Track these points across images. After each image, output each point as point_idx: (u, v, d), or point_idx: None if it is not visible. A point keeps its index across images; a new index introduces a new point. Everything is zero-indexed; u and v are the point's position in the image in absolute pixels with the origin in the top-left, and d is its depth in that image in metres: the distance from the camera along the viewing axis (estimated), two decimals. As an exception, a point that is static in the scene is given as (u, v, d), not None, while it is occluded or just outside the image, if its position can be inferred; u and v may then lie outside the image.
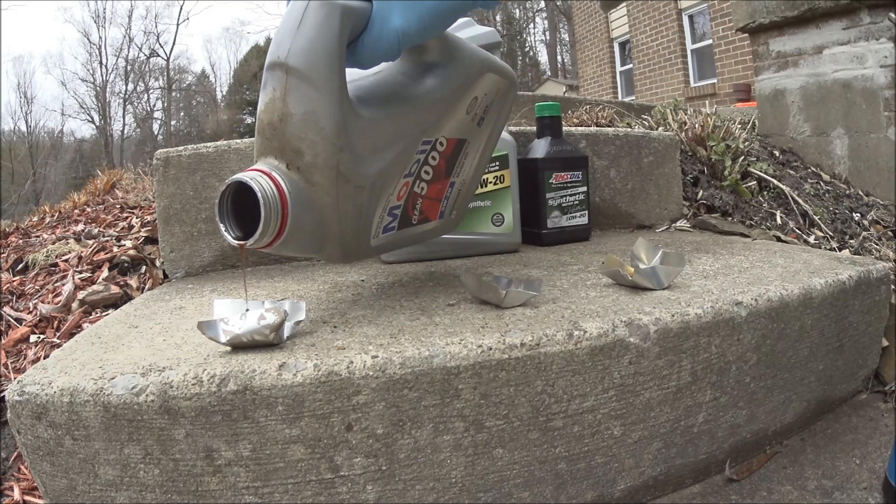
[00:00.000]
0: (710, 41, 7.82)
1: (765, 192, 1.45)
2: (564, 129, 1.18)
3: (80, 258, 1.16)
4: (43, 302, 1.02)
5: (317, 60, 0.53)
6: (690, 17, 8.38)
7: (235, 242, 0.53)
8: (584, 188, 1.09)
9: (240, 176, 0.53)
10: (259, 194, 0.51)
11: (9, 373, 0.86)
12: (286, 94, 0.54)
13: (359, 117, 0.57)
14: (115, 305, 0.99)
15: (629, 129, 1.40)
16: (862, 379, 0.84)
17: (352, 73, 0.59)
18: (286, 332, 0.58)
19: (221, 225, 0.54)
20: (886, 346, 0.86)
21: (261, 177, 0.53)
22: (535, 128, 1.15)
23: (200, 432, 0.51)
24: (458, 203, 0.81)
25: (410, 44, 0.58)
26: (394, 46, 0.57)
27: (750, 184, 1.43)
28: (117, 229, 1.32)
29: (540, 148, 1.06)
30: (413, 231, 0.73)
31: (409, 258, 0.98)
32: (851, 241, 1.32)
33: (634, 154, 1.26)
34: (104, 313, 0.97)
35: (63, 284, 1.06)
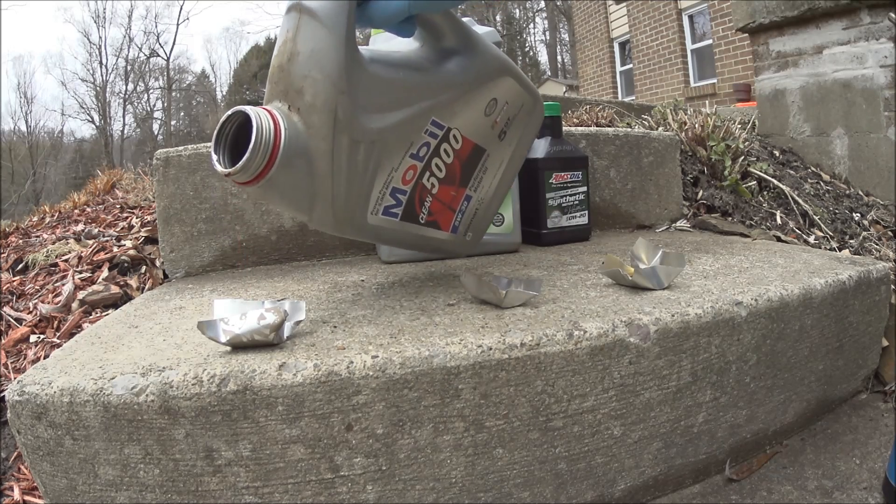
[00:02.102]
0: (710, 41, 7.82)
1: (765, 192, 1.45)
2: (564, 129, 1.18)
3: (80, 258, 1.16)
4: (43, 302, 1.02)
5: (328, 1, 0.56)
6: (690, 17, 8.38)
7: (223, 170, 0.54)
8: (584, 188, 1.09)
9: (240, 107, 0.55)
10: (254, 121, 0.53)
11: (9, 373, 0.86)
12: (297, 33, 0.56)
13: (365, 70, 0.58)
14: (115, 305, 0.99)
15: (629, 129, 1.40)
16: (862, 379, 0.84)
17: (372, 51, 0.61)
18: (286, 332, 0.58)
19: (214, 155, 0.55)
20: (886, 346, 0.86)
21: (261, 110, 0.55)
22: (535, 128, 1.15)
23: (200, 432, 0.51)
24: (475, 225, 0.80)
25: (421, 10, 0.59)
26: (402, 8, 0.58)
27: (750, 184, 1.43)
28: (117, 229, 1.32)
29: (540, 148, 1.06)
30: (418, 230, 0.72)
31: (410, 258, 0.98)
32: (851, 241, 1.32)
33: (634, 154, 1.26)
34: (104, 313, 0.97)
35: (63, 284, 1.06)
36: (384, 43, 1.01)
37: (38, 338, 0.93)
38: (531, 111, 0.79)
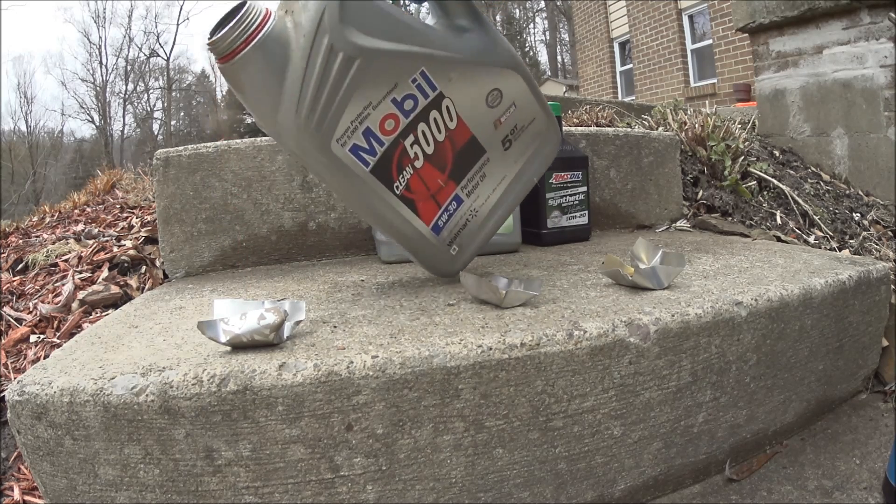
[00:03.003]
0: (710, 41, 7.82)
1: (765, 192, 1.45)
2: (564, 129, 1.18)
3: (80, 258, 1.16)
4: (43, 302, 1.02)
5: None
6: (690, 17, 8.38)
7: (209, 38, 0.58)
8: (584, 188, 1.09)
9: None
10: (247, 4, 0.58)
11: (9, 373, 0.86)
12: None
13: None
14: (115, 305, 0.99)
15: (629, 129, 1.40)
16: (862, 379, 0.84)
17: None
18: (286, 332, 0.58)
19: (210, 35, 0.58)
20: (886, 346, 0.86)
21: (260, 3, 0.59)
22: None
23: (200, 432, 0.51)
24: (463, 238, 0.77)
25: None
26: None
27: (750, 184, 1.43)
28: (117, 229, 1.32)
29: (540, 148, 1.06)
30: (390, 201, 0.69)
31: (410, 258, 0.98)
32: (851, 241, 1.32)
33: (634, 154, 1.26)
34: (104, 313, 0.97)
35: (63, 284, 1.06)
36: None
37: (38, 338, 0.93)
38: (544, 133, 0.78)
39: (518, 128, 0.76)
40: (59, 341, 0.91)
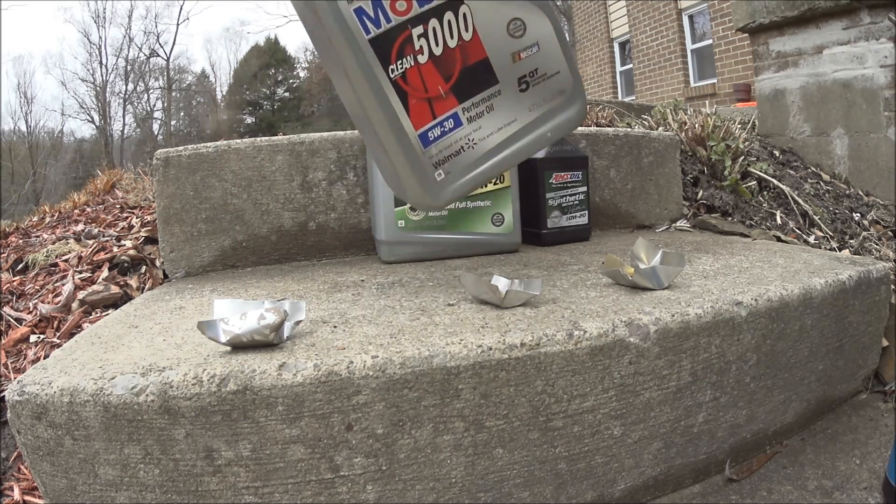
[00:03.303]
0: (710, 41, 7.82)
1: (765, 192, 1.45)
2: (564, 129, 1.18)
3: (80, 258, 1.16)
4: (43, 302, 1.02)
5: None
6: (690, 17, 8.38)
7: None
8: (584, 188, 1.09)
9: None
10: None
11: (9, 373, 0.86)
12: None
13: None
14: (115, 305, 0.99)
15: (629, 129, 1.40)
16: (862, 379, 0.84)
17: None
18: (286, 332, 0.58)
19: None
20: (886, 346, 0.86)
21: None
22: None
23: (200, 432, 0.51)
24: (453, 166, 0.72)
25: None
26: None
27: (750, 184, 1.43)
28: (117, 229, 1.32)
29: (540, 148, 1.06)
30: (382, 82, 0.66)
31: (410, 258, 0.98)
32: (851, 241, 1.32)
33: (634, 154, 1.26)
34: (104, 313, 0.97)
35: (63, 284, 1.06)
36: None
37: (38, 338, 0.93)
38: (568, 95, 0.75)
39: (538, 73, 0.73)
40: (59, 341, 0.91)
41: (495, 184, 0.99)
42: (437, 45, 0.68)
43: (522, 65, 0.72)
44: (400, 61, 0.67)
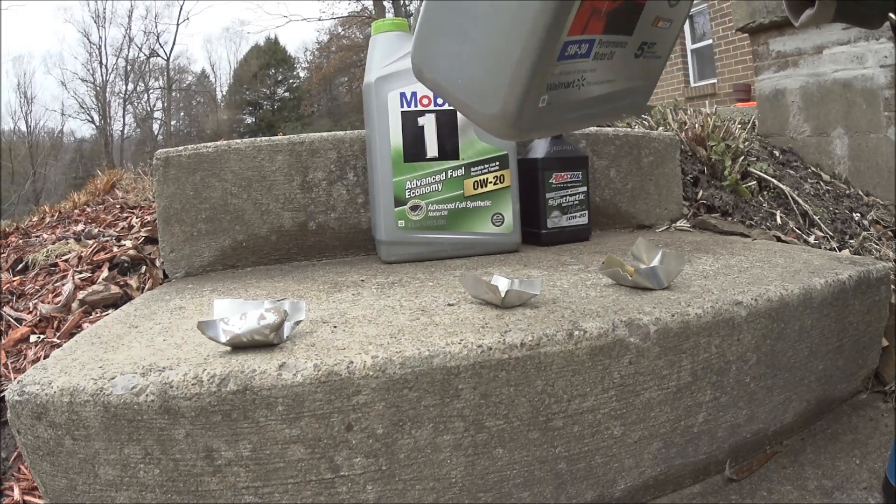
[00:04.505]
0: (710, 41, 7.82)
1: (765, 192, 1.45)
2: (564, 129, 1.18)
3: (80, 258, 1.16)
4: (43, 302, 1.02)
5: None
6: (690, 17, 8.38)
7: None
8: (584, 188, 1.09)
9: None
10: None
11: (9, 373, 0.86)
12: None
13: None
14: (115, 305, 0.99)
15: (629, 129, 1.40)
16: (862, 379, 0.84)
17: None
18: (286, 332, 0.58)
19: None
20: (886, 346, 0.86)
21: None
22: (535, 128, 1.15)
23: (200, 432, 0.51)
24: (558, 98, 0.58)
25: None
26: None
27: (750, 184, 1.43)
28: (117, 229, 1.32)
29: (540, 148, 1.06)
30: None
31: (410, 258, 0.98)
32: (851, 241, 1.32)
33: (634, 154, 1.26)
34: (104, 313, 0.97)
35: (63, 284, 1.06)
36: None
37: (38, 338, 0.93)
38: (645, 86, 0.67)
39: (651, 48, 0.62)
40: (59, 341, 0.91)
41: (495, 184, 0.99)
42: None
43: (652, 32, 0.61)
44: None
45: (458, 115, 0.97)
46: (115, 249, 1.16)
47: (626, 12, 0.58)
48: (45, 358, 0.85)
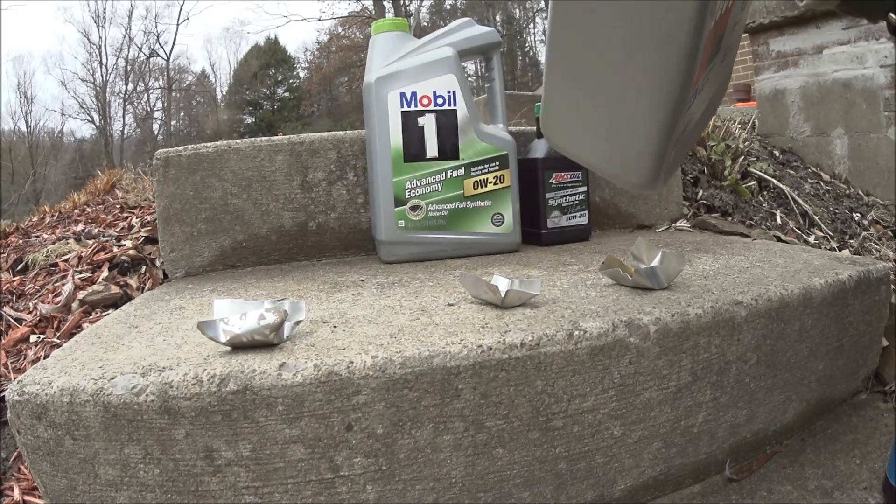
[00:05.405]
0: (710, 41, 7.82)
1: (765, 192, 1.45)
2: (564, 129, 1.18)
3: (80, 258, 1.16)
4: (43, 302, 1.02)
5: None
6: (690, 17, 8.37)
7: None
8: (584, 188, 1.09)
9: None
10: None
11: (9, 373, 0.86)
12: None
13: None
14: (115, 305, 0.99)
15: (629, 129, 1.40)
16: (862, 379, 0.84)
17: None
18: (286, 332, 0.58)
19: None
20: (886, 346, 0.86)
21: None
22: (535, 128, 1.15)
23: (200, 432, 0.51)
24: (677, 146, 0.55)
25: None
26: None
27: (750, 184, 1.43)
28: (117, 229, 1.32)
29: (540, 148, 1.06)
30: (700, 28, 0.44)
31: (410, 258, 0.98)
32: (851, 241, 1.32)
33: (634, 154, 1.25)
34: (104, 313, 0.97)
35: (63, 284, 1.06)
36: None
37: (38, 338, 0.93)
38: (726, 73, 0.62)
39: (726, 46, 0.56)
40: (59, 341, 0.91)
41: (495, 184, 0.99)
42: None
43: (731, 36, 0.57)
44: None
45: (458, 115, 0.97)
46: (115, 249, 1.16)
47: (713, 45, 0.52)
48: (45, 358, 0.85)
